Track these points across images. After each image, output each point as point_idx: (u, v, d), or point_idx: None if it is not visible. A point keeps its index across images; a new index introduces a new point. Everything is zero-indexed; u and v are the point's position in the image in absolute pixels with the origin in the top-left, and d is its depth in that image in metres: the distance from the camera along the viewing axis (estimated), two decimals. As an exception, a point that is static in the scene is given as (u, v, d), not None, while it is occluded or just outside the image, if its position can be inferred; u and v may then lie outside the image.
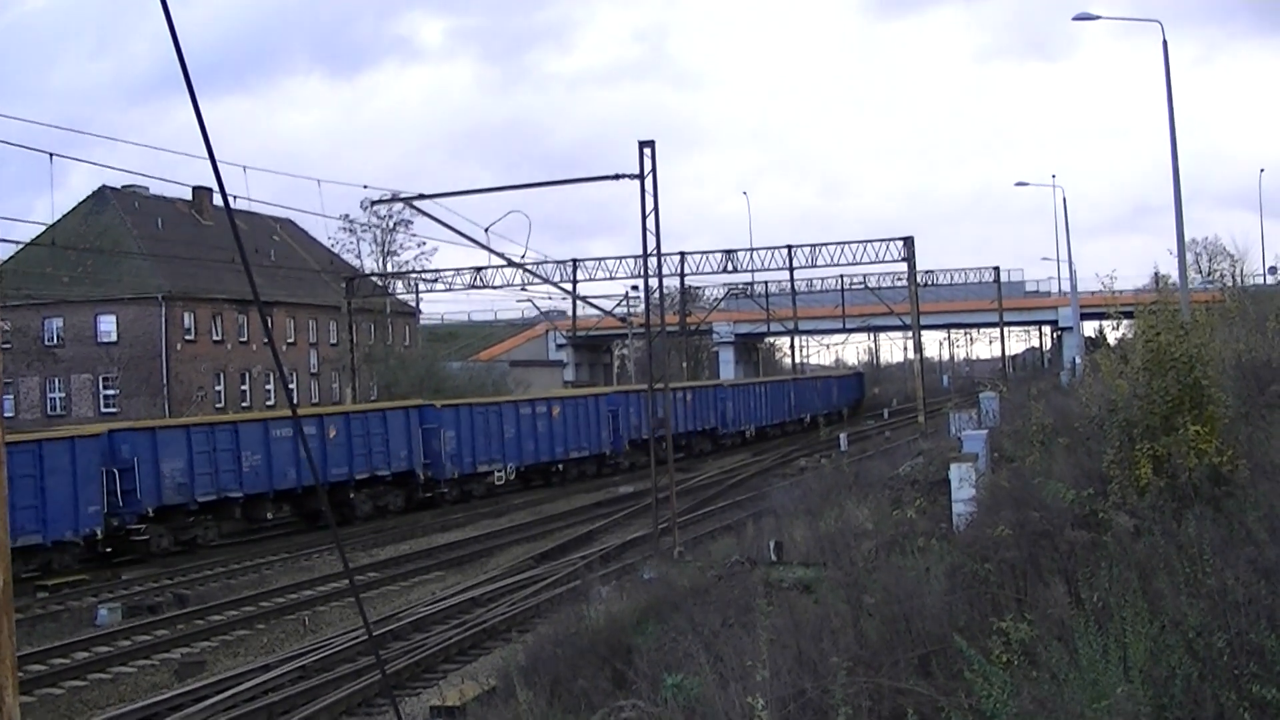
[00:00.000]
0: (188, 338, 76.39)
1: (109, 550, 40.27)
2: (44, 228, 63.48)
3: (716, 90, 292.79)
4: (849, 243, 67.55)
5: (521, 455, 59.17)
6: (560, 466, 62.20)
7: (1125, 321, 22.84)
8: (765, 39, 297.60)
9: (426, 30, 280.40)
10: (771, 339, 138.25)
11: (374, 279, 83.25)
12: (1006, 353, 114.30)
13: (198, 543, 43.06)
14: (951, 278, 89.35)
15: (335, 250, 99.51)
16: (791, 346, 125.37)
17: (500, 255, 47.85)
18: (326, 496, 45.28)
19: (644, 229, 36.51)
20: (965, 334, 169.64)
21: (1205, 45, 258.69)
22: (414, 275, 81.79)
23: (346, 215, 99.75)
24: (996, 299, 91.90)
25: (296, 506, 48.66)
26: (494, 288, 69.82)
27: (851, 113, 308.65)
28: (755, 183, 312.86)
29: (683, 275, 73.03)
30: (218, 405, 76.62)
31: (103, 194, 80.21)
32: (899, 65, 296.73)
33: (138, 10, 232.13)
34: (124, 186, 78.99)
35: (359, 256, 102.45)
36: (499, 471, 57.55)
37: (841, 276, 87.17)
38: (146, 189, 79.47)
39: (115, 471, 39.95)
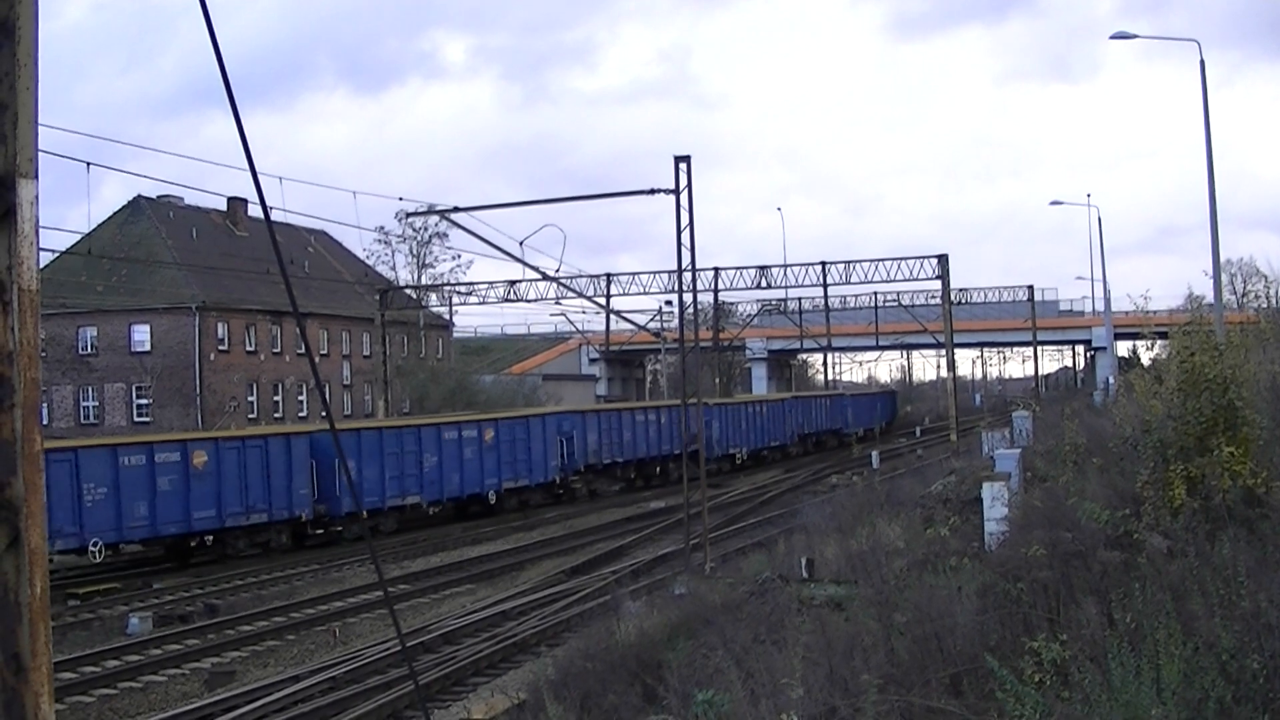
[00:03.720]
0: (221, 348, 76.55)
1: (560, 492, 59.32)
2: (79, 237, 63.76)
3: (741, 109, 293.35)
4: (883, 260, 67.63)
5: (751, 442, 78.21)
6: (765, 451, 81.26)
7: (1159, 342, 22.80)
8: (788, 59, 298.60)
9: (450, 48, 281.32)
10: (804, 355, 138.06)
11: (408, 291, 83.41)
12: (1039, 372, 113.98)
13: (597, 492, 62.10)
14: (985, 296, 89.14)
15: (370, 262, 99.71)
16: (825, 363, 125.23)
17: (535, 269, 47.99)
18: (365, 515, 45.91)
19: (679, 244, 36.49)
20: (998, 353, 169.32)
21: (1228, 68, 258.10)
22: (448, 288, 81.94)
23: (381, 227, 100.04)
24: (1030, 318, 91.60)
25: (640, 471, 67.09)
26: (528, 301, 70.03)
27: (876, 132, 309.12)
28: (782, 201, 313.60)
29: (716, 291, 73.10)
30: (250, 416, 76.81)
31: (138, 204, 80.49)
32: (923, 86, 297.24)
33: (166, 27, 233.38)
34: (159, 197, 79.37)
35: (393, 269, 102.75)
36: (740, 454, 76.05)
37: (875, 293, 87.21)
38: (181, 199, 79.85)
39: (563, 439, 58.94)
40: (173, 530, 40.67)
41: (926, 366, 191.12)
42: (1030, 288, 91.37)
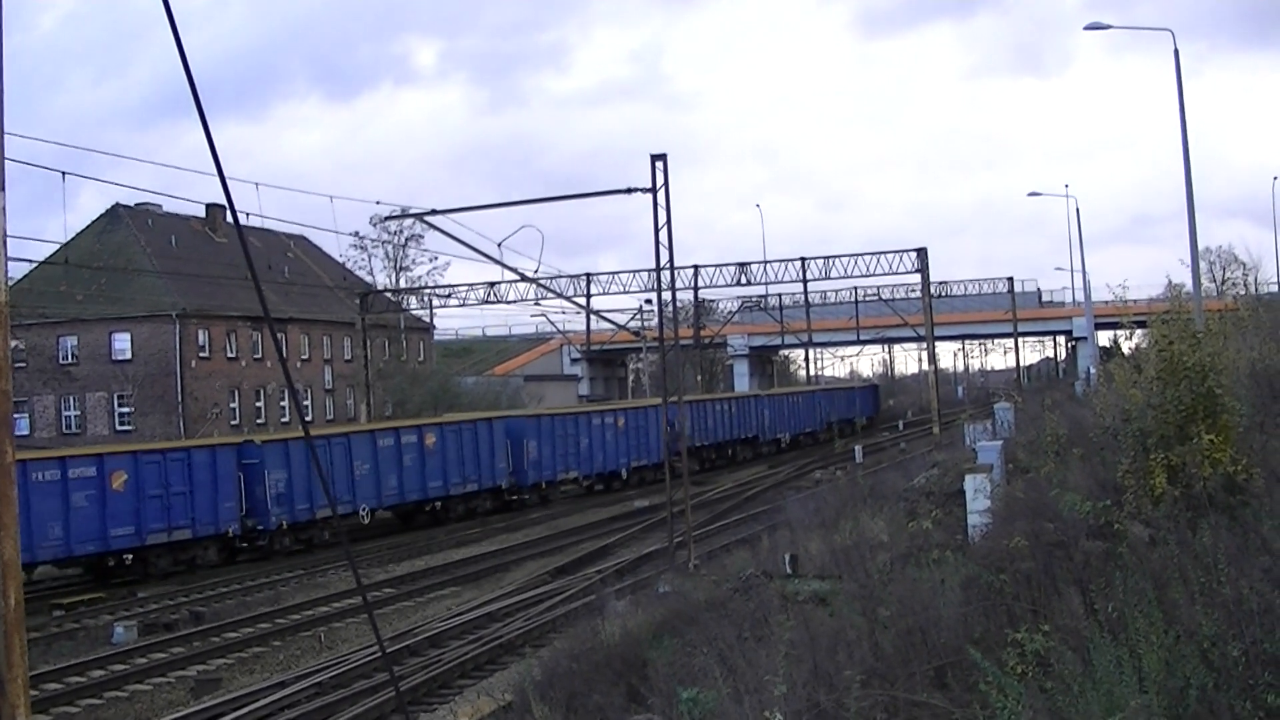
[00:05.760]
0: (202, 355, 76.24)
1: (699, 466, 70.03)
2: (58, 246, 63.52)
3: (715, 108, 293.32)
4: (862, 254, 67.53)
5: (792, 428, 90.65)
6: (801, 436, 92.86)
7: (1139, 331, 22.83)
8: (760, 58, 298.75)
9: (422, 53, 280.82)
10: (786, 351, 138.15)
11: (388, 295, 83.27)
12: (1021, 363, 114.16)
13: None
14: (965, 288, 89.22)
15: (348, 266, 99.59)
16: (806, 359, 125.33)
17: (514, 270, 47.92)
18: (338, 516, 46.58)
19: (656, 242, 36.46)
20: (980, 345, 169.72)
21: (1195, 58, 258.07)
22: (428, 291, 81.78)
23: (357, 232, 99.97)
24: (1010, 310, 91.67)
25: (718, 451, 77.85)
26: (508, 303, 70.10)
27: (851, 128, 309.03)
28: (759, 198, 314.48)
29: (696, 288, 73.05)
30: (233, 423, 76.55)
31: (116, 212, 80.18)
32: (894, 82, 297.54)
33: (139, 37, 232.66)
34: (137, 205, 79.01)
35: (371, 273, 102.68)
36: (784, 438, 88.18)
37: (855, 288, 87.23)
38: (160, 207, 79.47)
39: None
40: (415, 497, 51.55)
41: (908, 360, 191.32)
42: (1010, 279, 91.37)
